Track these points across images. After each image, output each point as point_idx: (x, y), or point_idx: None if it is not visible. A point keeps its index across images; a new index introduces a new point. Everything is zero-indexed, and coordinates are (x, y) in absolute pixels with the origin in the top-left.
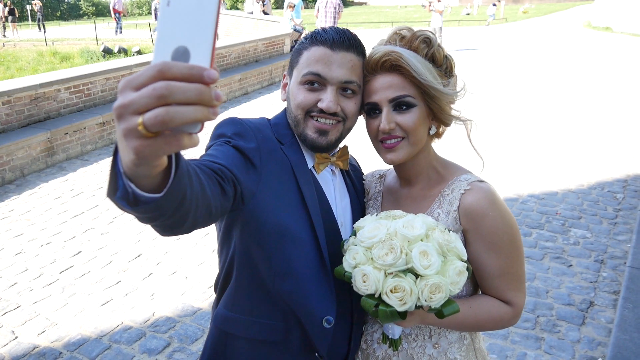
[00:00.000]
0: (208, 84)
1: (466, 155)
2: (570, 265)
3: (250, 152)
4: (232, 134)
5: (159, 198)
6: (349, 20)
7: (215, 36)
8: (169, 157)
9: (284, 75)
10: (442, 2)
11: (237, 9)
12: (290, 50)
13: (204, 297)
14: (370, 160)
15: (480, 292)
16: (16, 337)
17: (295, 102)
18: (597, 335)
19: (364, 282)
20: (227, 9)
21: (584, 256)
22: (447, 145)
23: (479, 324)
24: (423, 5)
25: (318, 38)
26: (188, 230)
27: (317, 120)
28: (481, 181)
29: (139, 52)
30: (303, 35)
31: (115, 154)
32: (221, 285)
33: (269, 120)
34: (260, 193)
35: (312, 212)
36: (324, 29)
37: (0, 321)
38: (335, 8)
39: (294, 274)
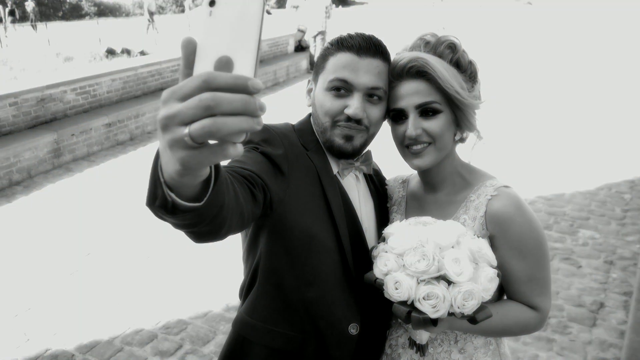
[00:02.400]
0: (252, 94)
1: (479, 159)
2: (580, 266)
3: (278, 158)
4: (260, 140)
5: (200, 207)
6: (350, 20)
7: (259, 46)
8: (209, 166)
9: (308, 81)
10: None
11: None
12: (295, 50)
13: (214, 298)
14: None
15: (505, 297)
16: (28, 340)
17: (323, 109)
18: (608, 337)
19: (396, 289)
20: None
21: (593, 257)
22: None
23: (505, 330)
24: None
25: (344, 44)
26: (222, 237)
27: (343, 127)
28: (507, 186)
29: (142, 53)
30: (305, 36)
31: (155, 163)
32: (246, 292)
33: (293, 125)
34: (288, 199)
35: (337, 219)
36: (349, 35)
37: (12, 323)
38: (326, 7)
39: (319, 281)
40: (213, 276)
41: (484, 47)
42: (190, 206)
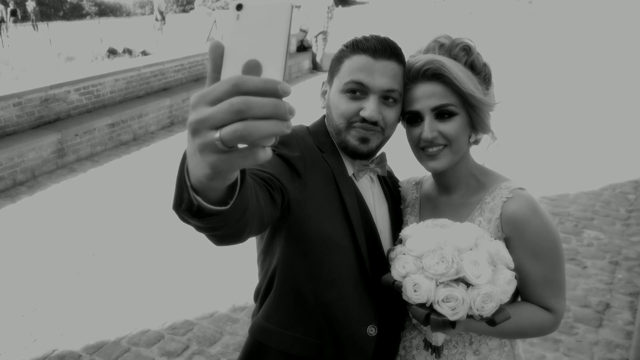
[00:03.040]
0: (282, 98)
1: (484, 160)
2: (585, 267)
3: (295, 160)
4: (277, 143)
5: (226, 210)
6: (352, 20)
7: (288, 49)
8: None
9: (323, 83)
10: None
11: None
12: (297, 50)
13: (220, 298)
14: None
15: (519, 299)
16: (35, 340)
17: (338, 111)
18: (614, 338)
19: (415, 291)
20: None
21: (598, 257)
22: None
23: (521, 331)
24: None
25: (360, 46)
26: (243, 240)
27: (358, 128)
28: (522, 188)
29: (143, 53)
30: (307, 36)
31: (182, 167)
32: (262, 295)
33: (307, 127)
34: (305, 202)
35: (353, 221)
36: (365, 37)
37: (19, 324)
38: (328, 7)
39: (337, 283)
40: (219, 276)
41: (484, 47)
42: (216, 210)
